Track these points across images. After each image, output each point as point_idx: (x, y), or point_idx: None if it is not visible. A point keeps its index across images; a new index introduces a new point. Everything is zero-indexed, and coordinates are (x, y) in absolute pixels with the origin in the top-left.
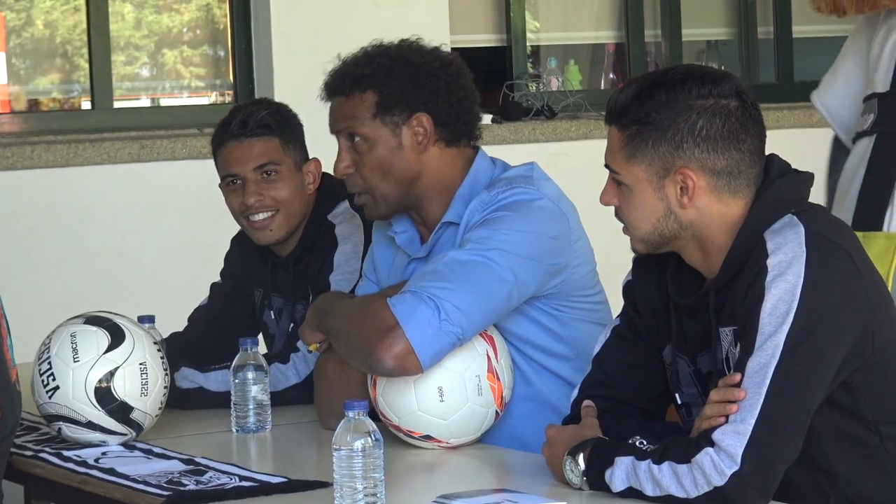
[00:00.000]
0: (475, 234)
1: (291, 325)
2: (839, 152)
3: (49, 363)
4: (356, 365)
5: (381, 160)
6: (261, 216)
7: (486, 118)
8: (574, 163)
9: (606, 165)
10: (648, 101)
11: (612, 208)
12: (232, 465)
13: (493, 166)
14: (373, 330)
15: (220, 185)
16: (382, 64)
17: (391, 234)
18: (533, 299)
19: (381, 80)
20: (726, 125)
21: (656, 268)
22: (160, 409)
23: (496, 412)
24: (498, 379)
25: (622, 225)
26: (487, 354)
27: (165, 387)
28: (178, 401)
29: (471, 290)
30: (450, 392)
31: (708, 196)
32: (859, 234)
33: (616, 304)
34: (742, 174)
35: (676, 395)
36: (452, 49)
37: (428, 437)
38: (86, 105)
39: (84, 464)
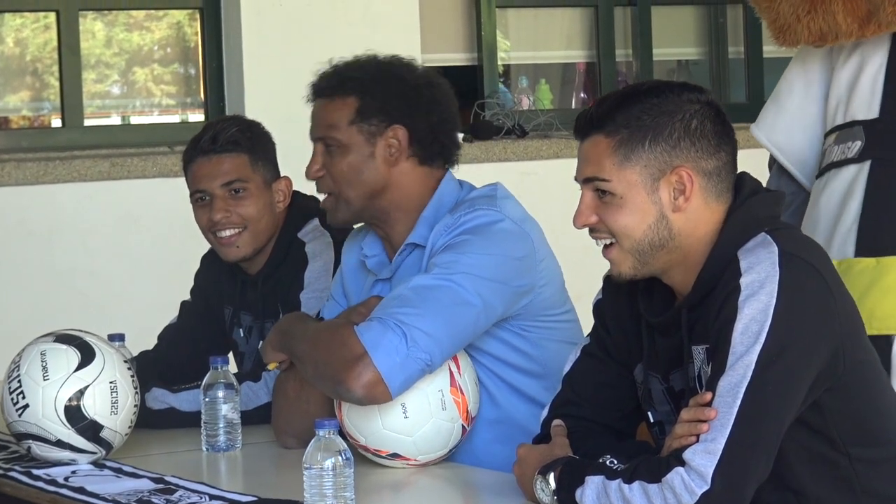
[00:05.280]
0: (441, 258)
1: (261, 343)
2: (780, 183)
3: (19, 381)
4: (325, 391)
5: (351, 166)
6: (228, 233)
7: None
8: (545, 182)
9: (586, 179)
10: (637, 105)
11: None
12: (202, 483)
13: (460, 189)
14: (341, 359)
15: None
16: (369, 71)
17: (362, 257)
18: (501, 321)
19: (365, 86)
20: (714, 126)
21: (626, 287)
22: (130, 427)
23: (462, 426)
24: (462, 393)
25: (599, 248)
26: (450, 369)
27: (135, 405)
28: (150, 421)
29: (438, 315)
30: (413, 408)
31: (698, 198)
32: (872, 261)
33: (588, 322)
34: (726, 178)
35: (649, 414)
36: None
37: (395, 456)
38: (56, 123)
39: (54, 482)
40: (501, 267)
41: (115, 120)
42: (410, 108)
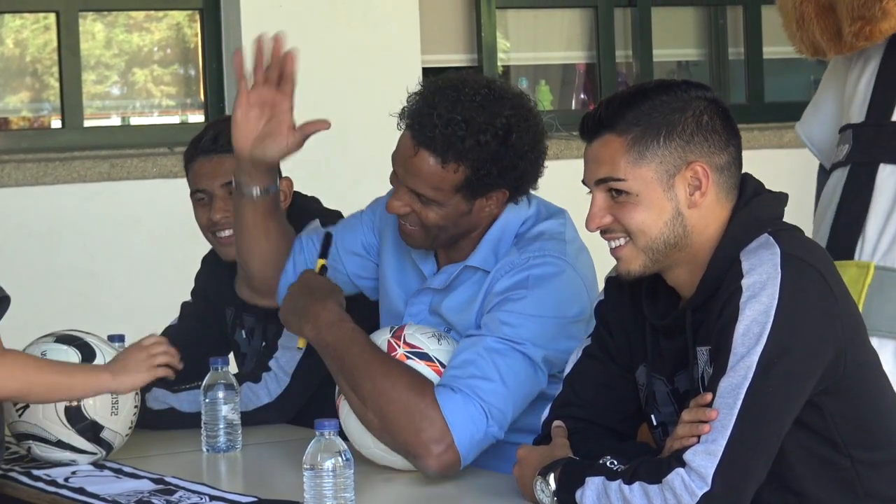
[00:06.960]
0: (505, 315)
1: (263, 343)
2: (823, 179)
3: None
4: (387, 445)
5: (447, 219)
6: (227, 232)
7: None
8: (545, 182)
9: (599, 181)
10: (647, 102)
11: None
12: (202, 484)
13: (527, 207)
14: (421, 433)
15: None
16: (487, 143)
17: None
18: None
19: (481, 162)
20: (722, 121)
21: (629, 288)
22: (130, 428)
23: None
24: None
25: (609, 247)
26: None
27: (136, 406)
28: (150, 422)
29: (512, 389)
30: None
31: (712, 194)
32: None
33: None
34: (735, 174)
35: (651, 416)
36: (423, 69)
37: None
38: (56, 124)
39: (54, 483)
40: (563, 330)
41: (115, 121)
42: (518, 177)
